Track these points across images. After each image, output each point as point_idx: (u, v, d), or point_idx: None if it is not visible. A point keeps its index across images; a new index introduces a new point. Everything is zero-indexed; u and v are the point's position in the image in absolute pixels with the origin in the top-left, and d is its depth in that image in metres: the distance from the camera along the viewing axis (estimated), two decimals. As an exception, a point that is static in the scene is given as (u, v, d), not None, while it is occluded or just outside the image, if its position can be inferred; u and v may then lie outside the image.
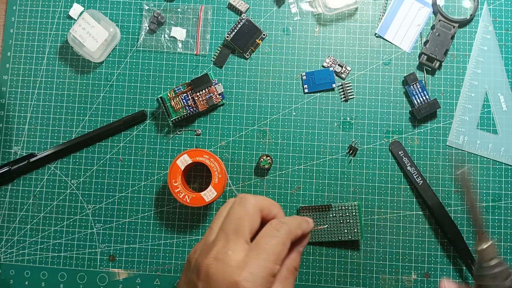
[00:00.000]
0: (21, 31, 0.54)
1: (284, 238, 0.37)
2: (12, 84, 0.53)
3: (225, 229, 0.37)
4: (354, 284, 0.49)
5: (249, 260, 0.35)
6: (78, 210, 0.52)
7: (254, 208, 0.39)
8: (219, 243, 0.37)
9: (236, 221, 0.37)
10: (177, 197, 0.47)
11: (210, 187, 0.47)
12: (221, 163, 0.47)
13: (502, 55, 0.52)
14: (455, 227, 0.48)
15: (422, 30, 0.52)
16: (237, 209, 0.38)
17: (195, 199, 0.46)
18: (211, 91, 0.51)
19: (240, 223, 0.37)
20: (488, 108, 0.51)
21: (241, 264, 0.35)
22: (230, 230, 0.37)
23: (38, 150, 0.52)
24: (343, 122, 0.51)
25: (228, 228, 0.37)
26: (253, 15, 0.53)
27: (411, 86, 0.51)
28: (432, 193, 0.49)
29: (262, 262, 0.35)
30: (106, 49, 0.52)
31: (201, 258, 0.36)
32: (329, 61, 0.52)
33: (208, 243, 0.37)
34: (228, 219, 0.38)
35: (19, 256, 0.51)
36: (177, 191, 0.47)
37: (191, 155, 0.47)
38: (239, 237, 0.37)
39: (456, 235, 0.48)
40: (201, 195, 0.46)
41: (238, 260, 0.35)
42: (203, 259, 0.36)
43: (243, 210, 0.38)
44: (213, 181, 0.47)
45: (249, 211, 0.38)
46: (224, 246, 0.36)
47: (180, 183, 0.47)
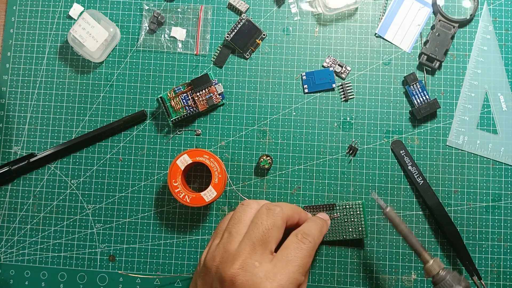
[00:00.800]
0: (21, 31, 0.54)
1: (310, 251, 0.38)
2: (12, 84, 0.53)
3: (252, 238, 0.37)
4: (354, 284, 0.49)
5: (277, 272, 0.36)
6: (78, 210, 0.52)
7: (283, 221, 0.39)
8: (245, 253, 0.36)
9: (265, 233, 0.37)
10: (177, 197, 0.47)
11: (210, 187, 0.47)
12: (221, 163, 0.47)
13: (502, 55, 0.52)
14: (454, 228, 0.48)
15: (422, 30, 0.52)
16: (265, 220, 0.38)
17: (195, 199, 0.46)
18: (211, 91, 0.51)
19: (269, 235, 0.38)
20: (488, 108, 0.51)
21: (270, 276, 0.35)
22: (257, 240, 0.37)
23: (38, 150, 0.52)
24: (343, 122, 0.51)
25: (255, 238, 0.37)
26: (253, 15, 0.53)
27: (411, 86, 0.51)
28: (432, 193, 0.49)
29: (291, 274, 0.36)
30: (106, 49, 0.52)
31: (224, 267, 0.36)
32: (329, 61, 0.52)
33: (231, 251, 0.37)
34: (256, 229, 0.38)
35: (19, 256, 0.51)
36: (177, 191, 0.47)
37: (191, 155, 0.47)
38: (266, 249, 0.37)
39: (455, 236, 0.48)
40: (201, 195, 0.46)
41: (266, 271, 0.36)
42: (228, 268, 0.36)
43: (272, 222, 0.38)
44: (213, 181, 0.47)
45: (278, 224, 0.38)
46: (251, 257, 0.36)
47: (180, 183, 0.47)
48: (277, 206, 0.39)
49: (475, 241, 0.49)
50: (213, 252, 0.38)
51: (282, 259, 0.37)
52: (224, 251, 0.37)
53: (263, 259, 0.36)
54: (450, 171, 0.50)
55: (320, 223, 0.42)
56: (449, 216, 0.49)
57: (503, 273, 0.49)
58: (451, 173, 0.50)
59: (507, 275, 0.49)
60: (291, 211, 0.41)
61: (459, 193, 0.50)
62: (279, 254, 0.37)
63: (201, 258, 0.40)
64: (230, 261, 0.36)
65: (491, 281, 0.49)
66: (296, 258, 0.37)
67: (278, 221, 0.38)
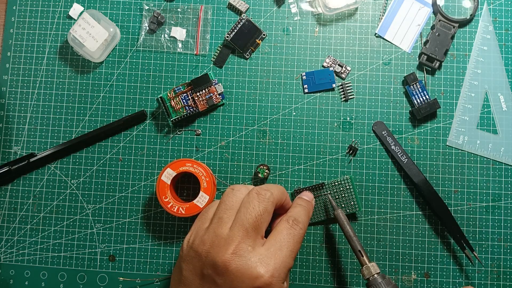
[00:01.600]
0: (21, 31, 0.54)
1: (300, 237, 0.39)
2: (12, 84, 0.53)
3: (245, 224, 0.37)
4: (354, 284, 0.49)
5: (271, 256, 0.36)
6: (78, 210, 0.52)
7: (273, 205, 0.40)
8: (238, 238, 0.36)
9: (257, 218, 0.38)
10: (171, 211, 0.47)
11: (201, 192, 0.46)
12: (205, 167, 0.47)
13: (502, 55, 0.52)
14: (441, 202, 0.49)
15: (422, 30, 0.52)
16: (257, 206, 0.38)
17: (189, 209, 0.46)
18: (211, 91, 0.51)
19: (261, 220, 0.38)
20: (488, 108, 0.51)
21: (264, 260, 0.36)
22: (250, 226, 0.37)
23: (38, 150, 0.52)
24: (343, 122, 0.51)
25: (248, 224, 0.37)
26: (253, 15, 0.53)
27: (411, 86, 0.51)
28: (418, 171, 0.49)
29: (284, 258, 0.37)
30: (106, 49, 0.52)
31: (217, 252, 0.36)
32: (329, 61, 0.52)
33: (222, 236, 0.37)
34: (248, 215, 0.38)
35: (19, 256, 0.51)
36: (169, 206, 0.47)
37: (174, 167, 0.47)
38: (258, 234, 0.37)
39: (443, 210, 0.49)
40: (194, 203, 0.46)
41: (260, 256, 0.36)
42: (221, 253, 0.36)
43: (263, 208, 0.39)
44: (202, 186, 0.47)
45: (269, 209, 0.39)
46: (244, 242, 0.36)
47: (170, 197, 0.47)
48: (267, 191, 0.40)
49: (475, 241, 0.49)
50: (202, 237, 0.38)
51: (275, 244, 0.37)
52: (215, 236, 0.37)
53: (256, 244, 0.37)
54: (450, 171, 0.50)
55: (307, 207, 0.43)
56: (436, 192, 0.49)
57: (503, 273, 0.49)
58: (451, 173, 0.50)
59: (507, 275, 0.49)
60: (280, 194, 0.41)
61: (459, 193, 0.50)
62: (272, 239, 0.38)
63: (183, 243, 0.40)
64: (222, 246, 0.36)
65: (491, 281, 0.49)
66: (289, 244, 0.38)
67: (269, 206, 0.39)
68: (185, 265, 0.38)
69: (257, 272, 0.35)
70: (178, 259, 0.40)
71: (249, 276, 0.35)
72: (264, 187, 0.41)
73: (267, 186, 0.41)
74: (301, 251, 0.50)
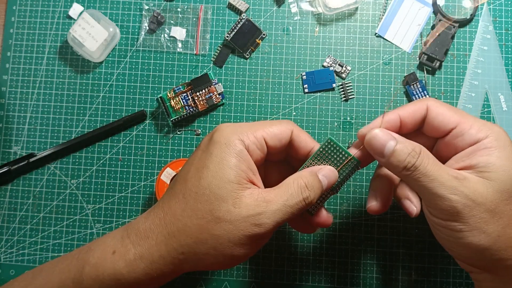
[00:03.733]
0: (21, 31, 0.54)
1: (302, 208, 0.33)
2: (12, 84, 0.53)
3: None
4: (354, 284, 0.49)
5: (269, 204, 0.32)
6: (78, 210, 0.52)
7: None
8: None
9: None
10: None
11: None
12: None
13: (502, 55, 0.51)
14: None
15: (422, 30, 0.52)
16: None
17: None
18: (211, 91, 0.51)
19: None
20: (488, 108, 0.51)
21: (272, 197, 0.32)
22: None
23: (38, 150, 0.52)
24: (343, 122, 0.51)
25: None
26: (253, 15, 0.53)
27: (412, 86, 0.51)
28: None
29: (283, 207, 0.32)
30: (106, 49, 0.52)
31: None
32: (329, 60, 0.52)
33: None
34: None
35: (19, 256, 0.51)
36: None
37: (174, 167, 0.47)
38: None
39: None
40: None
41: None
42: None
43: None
44: None
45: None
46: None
47: None
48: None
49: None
50: None
51: (279, 194, 0.32)
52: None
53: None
54: (450, 171, 0.50)
55: (328, 173, 0.35)
56: None
57: (504, 273, 0.49)
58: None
59: (507, 275, 0.49)
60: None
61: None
62: (278, 189, 0.33)
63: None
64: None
65: (491, 281, 0.49)
66: (291, 203, 0.32)
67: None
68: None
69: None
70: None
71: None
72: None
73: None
74: (301, 251, 0.50)
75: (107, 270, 0.33)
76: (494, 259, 0.31)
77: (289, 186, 0.33)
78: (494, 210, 0.31)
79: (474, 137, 0.33)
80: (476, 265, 0.33)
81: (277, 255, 0.50)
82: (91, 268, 0.33)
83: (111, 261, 0.33)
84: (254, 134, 0.33)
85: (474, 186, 0.31)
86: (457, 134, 0.33)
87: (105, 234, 0.36)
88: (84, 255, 0.34)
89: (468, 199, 0.30)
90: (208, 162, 0.32)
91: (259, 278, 0.50)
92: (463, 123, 0.33)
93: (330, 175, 0.35)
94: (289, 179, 0.33)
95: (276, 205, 0.31)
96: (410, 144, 0.32)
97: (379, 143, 0.32)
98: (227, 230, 0.31)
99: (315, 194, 0.33)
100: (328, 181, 0.35)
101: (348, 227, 0.50)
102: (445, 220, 0.32)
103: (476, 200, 0.30)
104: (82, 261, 0.34)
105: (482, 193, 0.31)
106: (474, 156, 0.32)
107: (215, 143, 0.32)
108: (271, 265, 0.50)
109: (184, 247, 0.32)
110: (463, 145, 0.33)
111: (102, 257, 0.33)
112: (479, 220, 0.30)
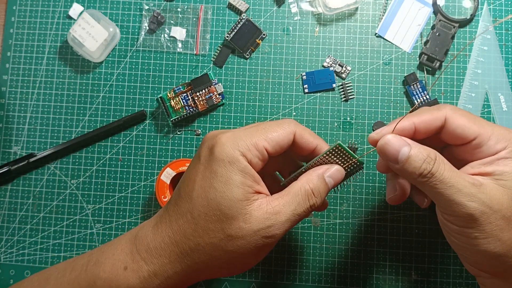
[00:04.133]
0: (21, 31, 0.54)
1: (308, 213, 0.34)
2: (12, 84, 0.53)
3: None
4: (354, 284, 0.49)
5: (281, 207, 0.32)
6: (78, 210, 0.52)
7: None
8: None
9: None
10: None
11: None
12: None
13: (502, 55, 0.51)
14: None
15: (422, 30, 0.52)
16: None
17: None
18: (211, 91, 0.51)
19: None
20: (488, 108, 0.51)
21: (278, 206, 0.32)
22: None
23: (38, 150, 0.52)
24: (343, 122, 0.51)
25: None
26: (253, 15, 0.53)
27: (412, 86, 0.51)
28: None
29: (291, 209, 0.32)
30: (106, 49, 0.52)
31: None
32: (329, 61, 0.52)
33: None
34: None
35: (19, 256, 0.51)
36: None
37: (174, 167, 0.47)
38: None
39: None
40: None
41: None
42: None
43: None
44: None
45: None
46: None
47: (170, 197, 0.46)
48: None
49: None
50: None
51: (288, 197, 0.33)
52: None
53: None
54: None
55: (336, 175, 0.35)
56: None
57: (503, 273, 0.49)
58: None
59: (507, 275, 0.49)
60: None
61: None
62: (286, 193, 0.33)
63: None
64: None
65: (491, 281, 0.49)
66: (298, 208, 0.33)
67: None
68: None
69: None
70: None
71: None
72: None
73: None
74: (301, 251, 0.50)
75: (120, 286, 0.33)
76: (507, 265, 0.31)
77: (296, 195, 0.33)
78: (510, 218, 0.30)
79: (493, 148, 0.32)
80: (487, 270, 0.33)
81: (277, 255, 0.50)
82: (103, 283, 0.33)
83: (124, 277, 0.33)
84: (256, 145, 0.33)
85: (490, 192, 0.30)
86: (476, 146, 0.33)
87: (110, 242, 0.36)
88: (93, 268, 0.34)
89: (486, 206, 0.30)
90: (214, 182, 0.32)
91: (259, 278, 0.50)
92: (483, 134, 0.32)
93: (337, 175, 0.35)
94: (296, 185, 0.33)
95: (285, 215, 0.32)
96: (425, 150, 0.31)
97: (392, 149, 0.32)
98: (239, 245, 0.31)
99: (321, 198, 0.34)
100: (335, 182, 0.35)
101: (348, 227, 0.50)
102: (461, 226, 0.31)
103: (493, 207, 0.30)
104: (92, 274, 0.34)
105: (499, 199, 0.30)
106: (490, 164, 0.32)
107: (218, 161, 0.32)
108: (271, 265, 0.50)
109: (199, 264, 0.32)
110: (480, 155, 0.33)
111: (114, 272, 0.33)
112: (495, 228, 0.30)
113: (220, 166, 0.32)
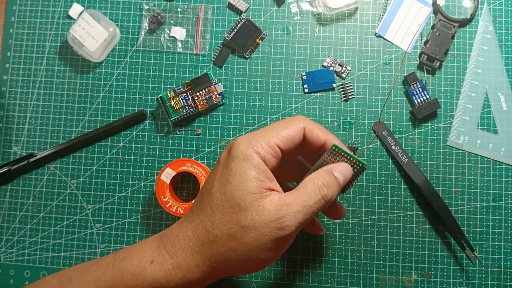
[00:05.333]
0: (21, 31, 0.54)
1: (322, 206, 0.34)
2: (12, 84, 0.53)
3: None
4: (354, 284, 0.49)
5: (290, 203, 0.34)
6: (78, 210, 0.52)
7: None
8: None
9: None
10: (170, 211, 0.47)
11: None
12: (205, 167, 0.47)
13: (502, 54, 0.51)
14: (442, 202, 0.49)
15: (422, 30, 0.52)
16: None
17: (188, 209, 0.46)
18: (211, 91, 0.51)
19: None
20: (488, 108, 0.51)
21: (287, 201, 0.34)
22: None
23: (38, 150, 0.52)
24: (343, 122, 0.51)
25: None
26: (253, 14, 0.53)
27: (412, 86, 0.51)
28: (418, 171, 0.49)
29: (301, 208, 0.34)
30: (106, 49, 0.52)
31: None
32: (329, 60, 0.52)
33: None
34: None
35: (19, 256, 0.51)
36: (168, 205, 0.47)
37: (174, 167, 0.47)
38: None
39: (444, 210, 0.48)
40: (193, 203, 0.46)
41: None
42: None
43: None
44: (201, 186, 0.47)
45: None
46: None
47: (170, 197, 0.47)
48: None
49: (475, 241, 0.49)
50: None
51: (298, 194, 0.34)
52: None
53: None
54: (451, 171, 0.50)
55: (345, 172, 0.37)
56: (436, 192, 0.49)
57: (504, 273, 0.49)
58: (451, 173, 0.50)
59: (507, 275, 0.49)
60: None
61: (460, 193, 0.50)
62: (297, 190, 0.35)
63: None
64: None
65: (492, 281, 0.49)
66: (309, 204, 0.34)
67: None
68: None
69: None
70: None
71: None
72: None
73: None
74: (301, 251, 0.50)
75: (147, 279, 0.34)
76: None
77: (307, 187, 0.34)
78: None
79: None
80: None
81: (277, 255, 0.50)
82: (131, 277, 0.35)
83: (150, 270, 0.34)
84: (268, 143, 0.35)
85: None
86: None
87: (138, 242, 0.38)
88: (120, 264, 0.36)
89: None
90: (230, 177, 0.34)
91: (259, 278, 0.50)
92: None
93: (345, 171, 0.36)
94: (305, 180, 0.35)
95: (296, 207, 0.33)
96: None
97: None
98: (253, 237, 0.33)
99: (334, 191, 0.35)
100: (344, 178, 0.36)
101: (348, 227, 0.50)
102: None
103: None
104: (120, 270, 0.35)
105: None
106: None
107: (234, 159, 0.34)
108: (271, 265, 0.50)
109: (217, 256, 0.34)
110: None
111: (141, 266, 0.35)
112: None
113: (235, 163, 0.34)
